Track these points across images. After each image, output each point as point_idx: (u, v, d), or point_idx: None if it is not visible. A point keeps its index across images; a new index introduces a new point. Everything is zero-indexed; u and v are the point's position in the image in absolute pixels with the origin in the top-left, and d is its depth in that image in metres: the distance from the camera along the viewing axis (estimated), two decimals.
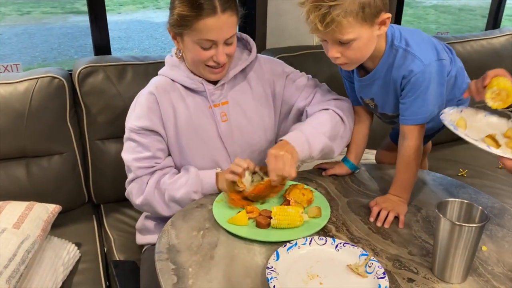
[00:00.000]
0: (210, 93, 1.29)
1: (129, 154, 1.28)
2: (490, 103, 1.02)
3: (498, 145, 1.01)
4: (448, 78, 1.25)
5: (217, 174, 1.26)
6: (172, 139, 1.29)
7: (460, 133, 1.01)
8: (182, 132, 1.29)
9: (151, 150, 1.26)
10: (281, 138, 1.22)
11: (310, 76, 1.42)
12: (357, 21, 1.05)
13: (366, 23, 1.07)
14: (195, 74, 1.29)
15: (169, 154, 1.32)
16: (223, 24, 1.16)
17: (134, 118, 1.27)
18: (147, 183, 1.26)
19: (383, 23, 1.10)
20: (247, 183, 1.17)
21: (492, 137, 1.03)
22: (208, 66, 1.23)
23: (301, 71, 1.42)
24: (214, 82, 1.31)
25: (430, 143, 1.66)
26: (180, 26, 1.18)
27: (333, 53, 1.12)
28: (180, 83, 1.29)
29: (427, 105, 1.16)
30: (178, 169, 1.33)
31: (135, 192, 1.28)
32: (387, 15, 1.09)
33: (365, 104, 1.33)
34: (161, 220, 1.37)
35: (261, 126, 1.35)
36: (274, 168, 1.13)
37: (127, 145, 1.29)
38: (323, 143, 1.24)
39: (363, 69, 1.26)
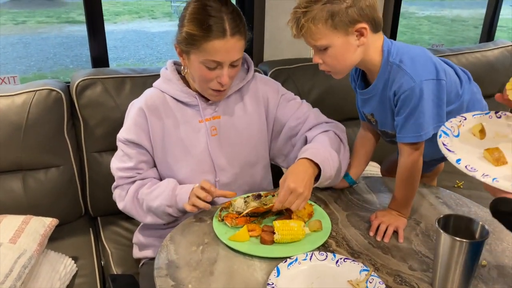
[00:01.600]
0: (203, 107, 1.29)
1: (115, 161, 1.33)
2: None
3: (500, 161, 0.80)
4: (459, 102, 1.24)
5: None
6: (158, 153, 1.30)
7: (461, 165, 0.78)
8: (169, 146, 1.29)
9: (134, 162, 1.29)
10: (300, 157, 1.19)
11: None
12: (326, 28, 1.08)
13: (338, 31, 1.08)
14: (190, 88, 1.29)
15: (155, 166, 1.33)
16: (230, 47, 1.16)
17: (124, 129, 1.31)
18: (127, 191, 1.31)
19: (360, 33, 1.10)
20: (239, 208, 1.17)
21: (494, 152, 0.80)
22: (211, 89, 1.23)
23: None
24: None
25: (442, 163, 1.61)
26: (187, 44, 1.18)
27: (315, 59, 1.16)
28: (173, 96, 1.29)
29: (420, 123, 1.14)
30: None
31: (117, 198, 1.34)
32: (362, 25, 1.09)
33: (367, 120, 1.33)
34: (156, 235, 1.36)
35: (252, 142, 1.35)
36: (284, 201, 1.11)
37: (117, 152, 1.34)
38: (337, 161, 1.23)
39: (366, 83, 1.26)
